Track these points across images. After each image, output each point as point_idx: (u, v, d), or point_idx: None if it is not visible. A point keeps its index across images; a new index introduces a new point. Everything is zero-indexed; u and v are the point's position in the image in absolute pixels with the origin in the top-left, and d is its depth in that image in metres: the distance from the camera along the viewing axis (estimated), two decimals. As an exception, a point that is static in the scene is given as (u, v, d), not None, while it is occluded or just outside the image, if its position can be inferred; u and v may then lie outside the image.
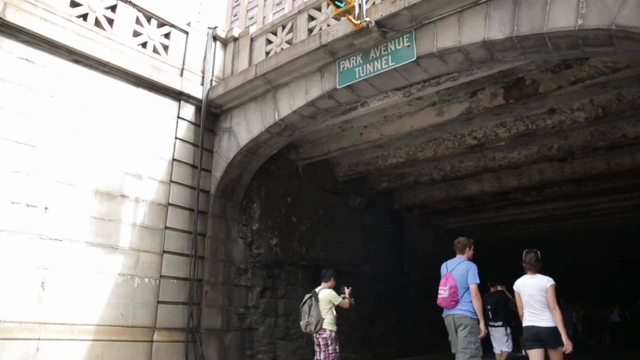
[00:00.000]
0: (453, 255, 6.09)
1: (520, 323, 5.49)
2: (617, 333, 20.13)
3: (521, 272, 5.56)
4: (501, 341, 8.04)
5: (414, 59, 6.82)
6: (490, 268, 21.34)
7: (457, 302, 5.58)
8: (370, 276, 13.04)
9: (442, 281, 5.76)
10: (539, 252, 5.57)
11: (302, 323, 6.70)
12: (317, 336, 6.62)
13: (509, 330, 8.14)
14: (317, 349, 6.69)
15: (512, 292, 5.85)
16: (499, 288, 8.25)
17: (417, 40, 6.81)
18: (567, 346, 4.96)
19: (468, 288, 5.58)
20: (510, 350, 5.86)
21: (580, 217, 16.69)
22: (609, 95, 8.41)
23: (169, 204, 8.36)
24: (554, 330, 5.05)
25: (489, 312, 7.92)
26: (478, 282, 5.61)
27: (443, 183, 13.54)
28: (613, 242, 22.08)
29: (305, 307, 6.71)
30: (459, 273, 5.70)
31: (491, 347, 8.22)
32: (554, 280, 5.25)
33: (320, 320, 6.57)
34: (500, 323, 7.86)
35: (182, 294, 8.20)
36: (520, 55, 6.40)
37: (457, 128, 10.06)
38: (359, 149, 10.87)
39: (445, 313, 5.77)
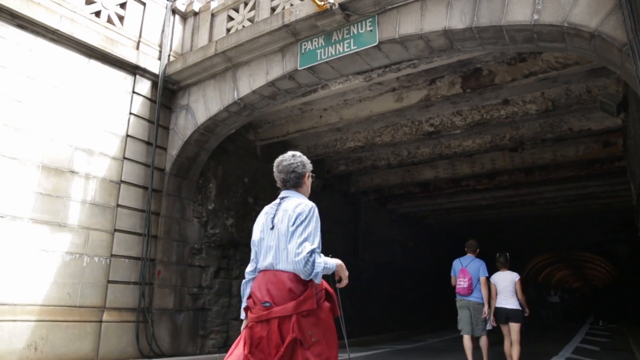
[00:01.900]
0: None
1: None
2: (555, 312, 21.64)
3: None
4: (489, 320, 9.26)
5: (376, 44, 6.85)
6: (442, 252, 22.17)
7: (472, 291, 7.14)
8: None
9: (460, 275, 7.29)
10: (507, 254, 7.54)
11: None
12: (271, 317, 6.66)
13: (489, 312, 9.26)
14: (270, 329, 6.74)
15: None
16: (488, 275, 8.78)
17: (380, 25, 6.84)
18: (527, 313, 7.10)
19: (479, 280, 7.16)
20: (490, 328, 7.38)
21: (527, 205, 17.48)
22: (559, 89, 8.78)
23: (122, 181, 8.10)
24: (517, 310, 7.00)
25: None
26: (487, 275, 7.20)
27: (399, 168, 13.80)
28: (555, 229, 23.29)
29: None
30: (473, 268, 7.26)
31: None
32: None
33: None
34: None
35: (134, 273, 8.03)
36: (478, 45, 6.55)
37: (415, 114, 10.23)
38: (318, 131, 10.88)
39: (461, 298, 7.27)
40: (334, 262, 2.68)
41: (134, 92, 8.50)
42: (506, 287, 7.10)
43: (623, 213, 16.19)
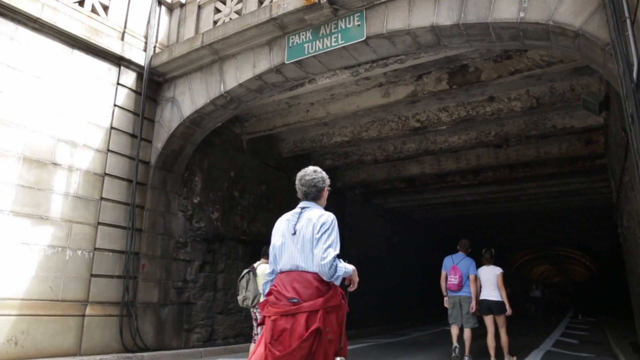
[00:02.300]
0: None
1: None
2: (538, 305, 22.09)
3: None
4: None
5: (364, 39, 6.85)
6: (427, 247, 22.36)
7: (462, 287, 7.59)
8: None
9: (451, 272, 7.70)
10: (492, 250, 7.90)
11: (240, 298, 6.71)
12: (255, 311, 6.66)
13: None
14: (254, 323, 6.74)
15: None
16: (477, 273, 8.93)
17: (368, 20, 6.84)
18: (509, 311, 7.31)
19: (469, 277, 7.60)
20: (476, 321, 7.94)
21: (511, 201, 17.69)
22: (543, 87, 8.88)
23: (106, 173, 8.00)
24: (500, 302, 7.30)
25: None
26: (476, 273, 7.62)
27: (385, 163, 13.85)
28: (538, 225, 23.64)
29: (243, 282, 6.72)
30: (464, 266, 7.68)
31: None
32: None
33: (257, 294, 6.60)
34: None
35: (118, 267, 7.96)
36: (465, 42, 6.59)
37: (401, 110, 10.27)
38: (305, 125, 10.87)
39: (451, 294, 7.73)
40: (350, 268, 2.96)
41: (118, 83, 8.39)
42: (489, 280, 7.48)
43: (604, 210, 16.48)
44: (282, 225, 3.13)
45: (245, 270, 6.84)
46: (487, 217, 21.10)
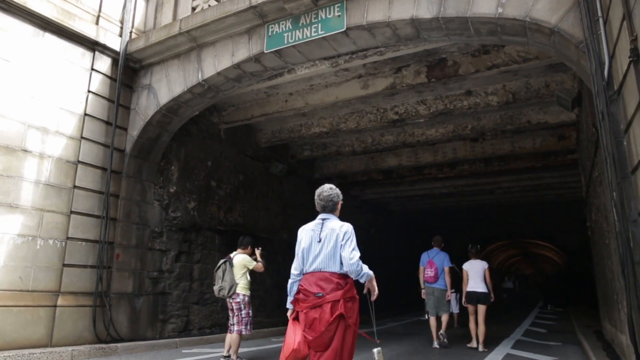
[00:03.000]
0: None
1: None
2: (509, 297, 22.67)
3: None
4: (453, 304, 10.61)
5: (344, 30, 6.84)
6: (403, 238, 22.61)
7: (437, 279, 8.37)
8: (288, 243, 13.24)
9: (428, 265, 8.47)
10: (478, 245, 8.69)
11: (216, 288, 6.69)
12: (231, 301, 6.65)
13: (458, 296, 10.64)
14: (230, 313, 6.73)
15: (461, 269, 8.60)
16: (451, 265, 9.30)
17: (348, 11, 6.82)
18: (492, 299, 8.25)
19: (444, 269, 8.41)
20: (458, 311, 9.03)
21: (486, 194, 18.02)
22: (519, 82, 9.03)
23: (79, 161, 7.82)
24: (486, 293, 8.11)
25: None
26: (450, 266, 8.49)
27: (363, 155, 13.92)
28: (512, 218, 24.17)
29: (219, 272, 6.70)
30: (439, 259, 8.47)
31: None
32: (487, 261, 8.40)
33: (233, 284, 6.59)
34: (453, 290, 9.30)
35: (91, 256, 7.81)
36: (444, 36, 6.64)
37: (380, 102, 10.31)
38: (283, 116, 10.82)
39: (428, 285, 8.47)
40: (371, 272, 3.62)
41: (92, 69, 8.18)
42: (477, 274, 8.21)
43: (574, 204, 16.93)
44: (307, 234, 3.72)
45: (222, 261, 6.82)
46: (463, 209, 21.46)
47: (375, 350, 3.57)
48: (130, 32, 8.80)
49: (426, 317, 8.64)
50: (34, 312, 6.91)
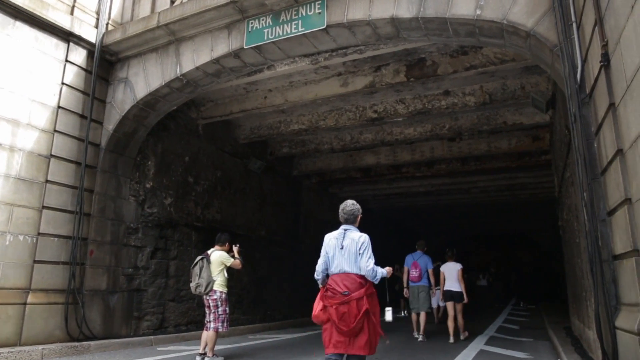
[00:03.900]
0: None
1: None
2: (483, 294, 23.09)
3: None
4: (436, 299, 11.48)
5: (324, 27, 6.84)
6: (381, 236, 22.75)
7: (421, 279, 9.33)
8: (266, 240, 13.20)
9: (412, 266, 9.43)
10: (454, 249, 9.69)
11: (192, 285, 6.63)
12: (207, 298, 6.60)
13: (438, 292, 11.20)
14: (207, 310, 6.68)
15: (439, 271, 9.47)
16: (433, 267, 10.08)
17: (329, 9, 6.82)
18: (466, 300, 9.03)
19: (427, 270, 9.40)
20: (443, 305, 9.73)
21: (463, 193, 18.28)
22: (496, 84, 9.19)
23: (52, 155, 7.63)
24: (460, 292, 8.99)
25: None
26: (432, 267, 9.45)
27: (342, 153, 13.96)
28: (487, 217, 24.59)
29: (196, 269, 6.63)
30: (422, 262, 9.43)
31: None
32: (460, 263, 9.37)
33: (210, 282, 6.54)
34: (437, 288, 10.24)
35: (64, 253, 7.64)
36: (424, 36, 6.70)
37: (359, 100, 10.35)
38: (262, 112, 10.76)
39: (412, 284, 9.38)
40: (385, 270, 4.33)
41: (67, 60, 7.99)
42: (452, 275, 9.15)
43: (547, 204, 17.32)
44: (332, 242, 4.46)
45: (199, 257, 6.76)
46: (440, 208, 21.73)
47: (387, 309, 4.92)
48: (107, 24, 8.63)
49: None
50: (2, 310, 6.72)
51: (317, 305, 4.33)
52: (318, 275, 4.46)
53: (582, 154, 4.54)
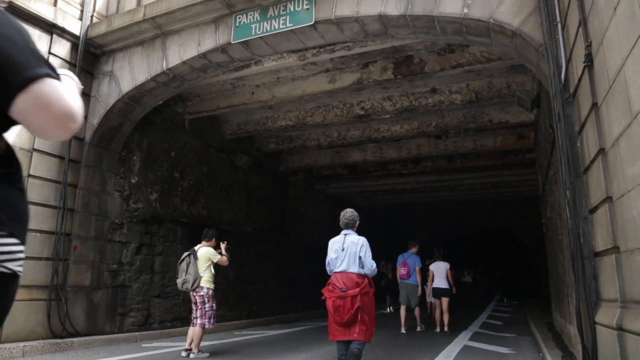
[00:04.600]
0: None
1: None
2: (468, 290, 23.38)
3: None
4: (425, 294, 11.78)
5: (312, 23, 6.83)
6: (366, 233, 22.84)
7: (409, 276, 10.13)
8: (252, 236, 13.17)
9: (402, 265, 10.26)
10: (442, 249, 10.67)
11: (179, 281, 6.59)
12: (194, 294, 6.57)
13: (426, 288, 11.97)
14: (194, 306, 6.65)
15: (428, 269, 10.48)
16: (421, 266, 10.93)
17: (317, 5, 6.81)
18: (454, 290, 10.23)
19: (415, 269, 10.14)
20: (430, 301, 10.78)
21: (448, 191, 18.44)
22: (482, 82, 9.26)
23: (34, 149, 7.51)
24: (447, 289, 9.94)
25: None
26: (420, 266, 10.23)
27: (329, 149, 13.97)
28: (472, 214, 24.82)
29: (183, 265, 6.60)
30: (412, 261, 10.27)
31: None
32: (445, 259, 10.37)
33: (197, 278, 6.51)
34: (426, 285, 10.89)
35: (47, 248, 7.54)
36: (411, 33, 6.73)
37: (347, 97, 10.36)
38: (250, 108, 10.71)
39: (402, 282, 10.19)
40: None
41: (50, 53, 7.85)
42: (440, 273, 10.08)
43: (531, 201, 17.55)
44: (334, 245, 5.18)
45: (186, 253, 6.72)
46: (426, 205, 21.87)
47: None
48: (92, 16, 8.50)
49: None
50: (-16, 306, 6.61)
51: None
52: (330, 272, 5.27)
53: (565, 152, 4.61)
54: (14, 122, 1.13)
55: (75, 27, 8.16)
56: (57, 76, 1.11)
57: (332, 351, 7.25)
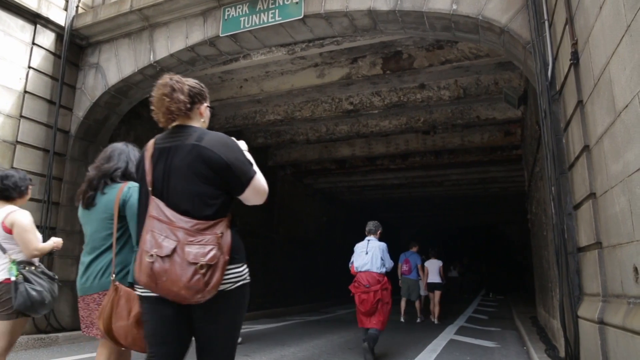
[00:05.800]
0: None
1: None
2: (454, 285, 23.61)
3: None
4: (421, 288, 12.60)
5: (301, 17, 6.79)
6: (355, 228, 22.87)
7: (411, 272, 11.32)
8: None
9: (404, 262, 11.42)
10: (437, 248, 12.25)
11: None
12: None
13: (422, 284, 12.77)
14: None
15: (424, 266, 11.68)
16: (422, 263, 12.15)
17: (306, -1, 6.77)
18: (444, 282, 12.03)
19: (417, 265, 11.38)
20: (425, 294, 11.89)
21: (436, 186, 18.55)
22: (470, 78, 9.32)
23: (18, 141, 7.39)
24: (439, 284, 11.51)
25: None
26: (421, 264, 11.53)
27: (317, 144, 13.96)
28: (459, 209, 25.00)
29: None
30: (413, 258, 11.47)
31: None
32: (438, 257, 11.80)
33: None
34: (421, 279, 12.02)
35: (30, 242, 7.42)
36: (400, 29, 6.73)
37: (335, 92, 10.35)
38: (238, 102, 10.65)
39: (404, 277, 11.36)
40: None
41: (34, 43, 7.71)
42: (434, 270, 11.59)
43: (517, 197, 17.73)
44: (359, 249, 6.36)
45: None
46: (414, 200, 21.98)
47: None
48: (77, 7, 8.36)
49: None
50: (-34, 300, 6.51)
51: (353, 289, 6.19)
52: (356, 269, 6.28)
53: (551, 149, 4.66)
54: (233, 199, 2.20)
55: (60, 17, 8.02)
56: (257, 170, 2.17)
57: (320, 345, 7.29)
